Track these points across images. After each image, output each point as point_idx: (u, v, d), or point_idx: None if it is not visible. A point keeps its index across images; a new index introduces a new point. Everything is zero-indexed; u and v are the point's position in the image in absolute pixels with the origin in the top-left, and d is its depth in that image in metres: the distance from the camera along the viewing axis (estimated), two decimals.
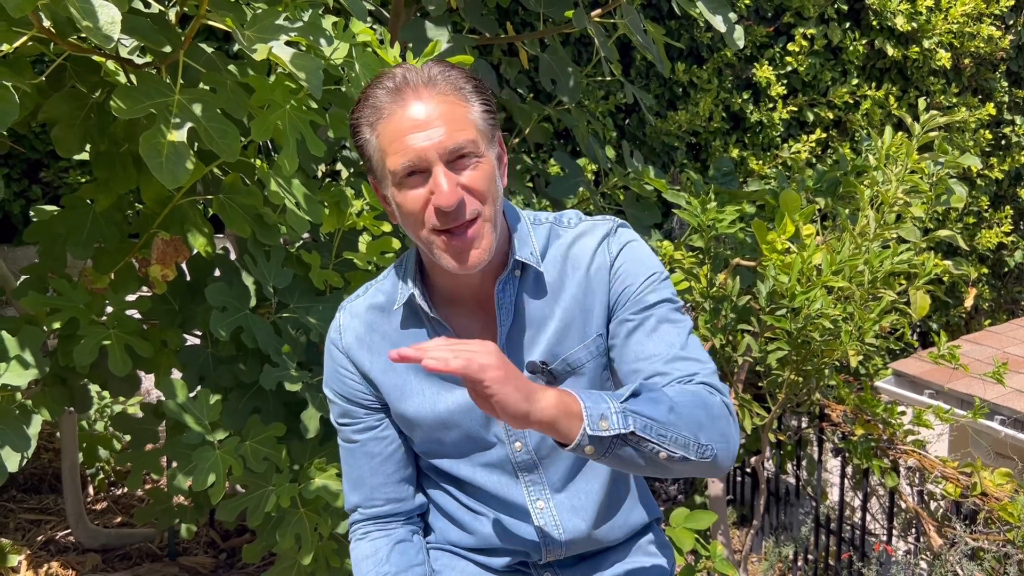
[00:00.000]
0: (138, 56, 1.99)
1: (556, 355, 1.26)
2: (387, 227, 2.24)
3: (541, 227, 1.28)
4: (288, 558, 2.22)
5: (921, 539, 2.89)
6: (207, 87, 1.84)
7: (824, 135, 5.55)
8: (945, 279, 5.84)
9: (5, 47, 1.63)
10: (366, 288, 1.34)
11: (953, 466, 2.76)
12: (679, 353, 1.19)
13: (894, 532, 3.05)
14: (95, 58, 2.00)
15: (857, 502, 3.28)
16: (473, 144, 1.12)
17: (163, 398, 2.09)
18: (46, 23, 1.68)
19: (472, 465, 1.32)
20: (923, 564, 2.88)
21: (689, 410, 1.09)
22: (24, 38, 1.64)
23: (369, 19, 1.87)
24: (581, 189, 3.30)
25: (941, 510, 2.89)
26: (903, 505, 3.02)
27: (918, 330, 6.00)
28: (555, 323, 1.25)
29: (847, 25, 5.51)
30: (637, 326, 1.22)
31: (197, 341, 2.33)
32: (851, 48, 5.48)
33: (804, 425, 3.37)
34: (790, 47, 5.39)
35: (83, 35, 1.77)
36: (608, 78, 3.39)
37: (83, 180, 4.12)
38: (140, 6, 2.01)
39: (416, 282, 1.24)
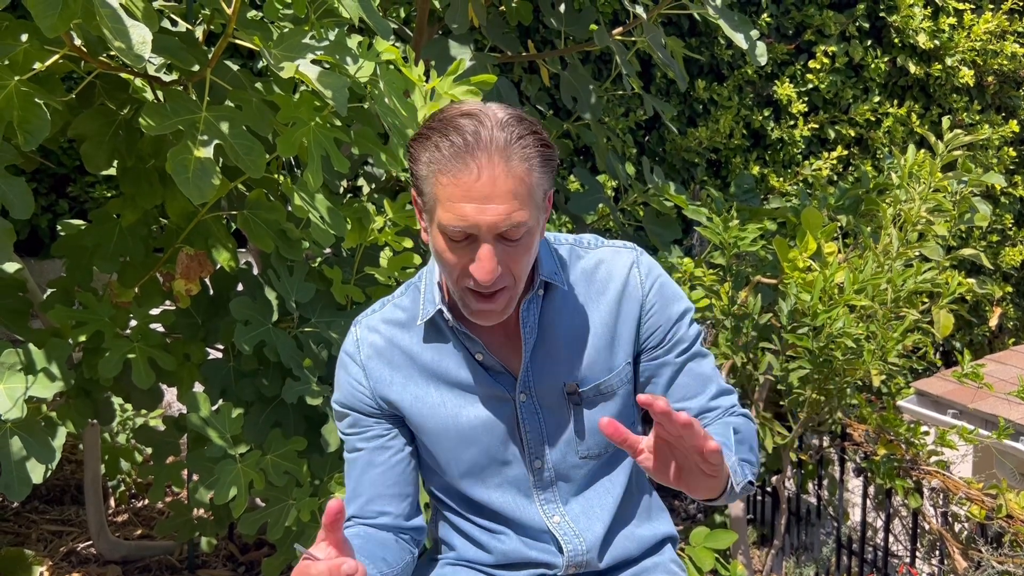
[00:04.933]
0: (165, 73, 2.02)
1: (586, 381, 1.27)
2: (408, 243, 2.25)
3: (562, 247, 1.31)
4: None
5: (945, 562, 2.84)
6: (233, 104, 1.86)
7: (845, 152, 5.52)
8: (968, 298, 5.78)
9: (38, 65, 1.66)
10: (382, 304, 1.34)
11: (978, 487, 2.72)
12: (720, 387, 1.33)
13: (918, 554, 3.01)
14: (123, 76, 2.03)
15: (879, 523, 3.23)
16: (526, 224, 1.11)
17: (184, 411, 2.10)
18: (77, 42, 1.72)
19: (487, 487, 1.32)
20: None
21: (755, 442, 1.28)
22: (56, 56, 1.68)
23: (392, 37, 1.89)
24: (601, 205, 3.30)
25: (966, 532, 2.85)
26: (927, 527, 2.98)
27: (941, 349, 5.93)
28: (580, 347, 1.27)
29: (869, 43, 5.49)
30: (679, 369, 1.30)
31: (219, 355, 2.35)
32: (873, 65, 5.46)
33: (826, 444, 3.34)
34: (811, 64, 5.38)
35: (113, 54, 1.80)
36: (628, 93, 3.40)
37: (109, 195, 4.17)
38: (167, 25, 2.04)
39: (442, 298, 1.25)
